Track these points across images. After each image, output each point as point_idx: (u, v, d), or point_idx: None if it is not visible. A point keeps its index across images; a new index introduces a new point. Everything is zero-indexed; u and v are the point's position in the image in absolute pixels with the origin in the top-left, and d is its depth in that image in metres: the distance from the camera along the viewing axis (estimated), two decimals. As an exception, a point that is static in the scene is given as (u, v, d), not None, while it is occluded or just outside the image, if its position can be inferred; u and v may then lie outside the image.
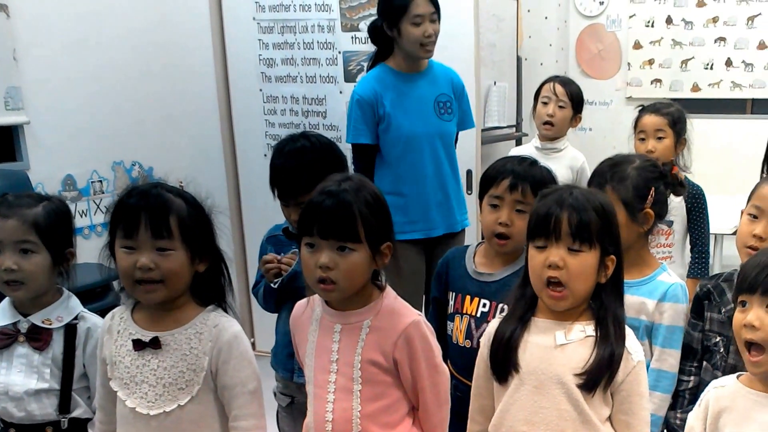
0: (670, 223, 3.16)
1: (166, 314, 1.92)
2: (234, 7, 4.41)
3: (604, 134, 5.75)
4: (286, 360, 2.55)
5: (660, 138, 3.20)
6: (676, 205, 3.09)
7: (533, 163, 2.34)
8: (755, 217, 2.21)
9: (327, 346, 1.94)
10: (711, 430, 1.81)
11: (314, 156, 2.43)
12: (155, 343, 1.89)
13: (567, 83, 3.69)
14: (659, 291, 2.30)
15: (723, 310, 2.24)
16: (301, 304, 2.06)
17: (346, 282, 1.84)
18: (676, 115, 3.24)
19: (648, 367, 2.22)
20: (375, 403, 1.91)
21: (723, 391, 1.82)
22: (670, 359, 2.29)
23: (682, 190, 2.59)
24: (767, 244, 2.15)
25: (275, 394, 2.66)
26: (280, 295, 2.49)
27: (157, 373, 1.89)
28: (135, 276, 1.82)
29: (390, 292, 1.98)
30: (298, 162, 2.41)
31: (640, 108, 3.38)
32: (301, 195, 2.25)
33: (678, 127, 3.22)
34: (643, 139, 3.24)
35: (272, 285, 2.46)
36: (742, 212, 2.28)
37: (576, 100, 3.65)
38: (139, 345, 1.90)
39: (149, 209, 1.82)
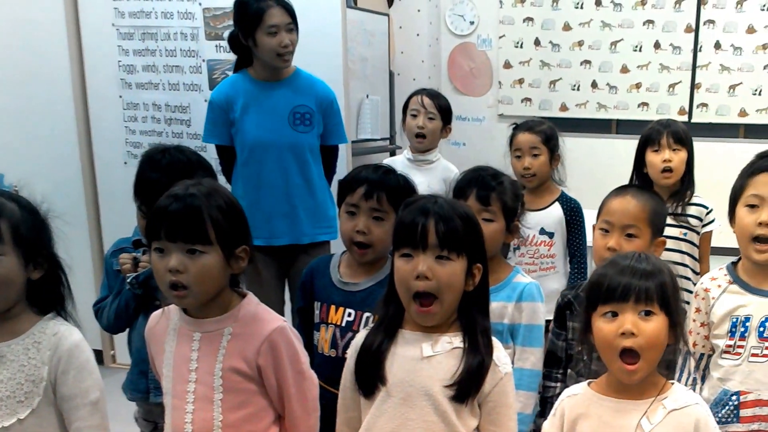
0: (551, 235, 3.27)
1: (1, 325, 1.83)
2: (91, 13, 4.28)
3: (478, 149, 5.82)
4: (137, 379, 2.48)
5: (535, 155, 3.29)
6: (556, 217, 3.26)
7: (389, 170, 2.35)
8: (606, 231, 2.28)
9: (185, 356, 1.89)
10: None
11: (191, 171, 2.38)
12: (-10, 355, 1.80)
13: (435, 96, 3.76)
14: (516, 292, 2.34)
15: None
16: (155, 314, 2.01)
17: (199, 286, 1.80)
18: (548, 133, 3.35)
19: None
20: (238, 412, 1.87)
21: (576, 399, 1.83)
22: (531, 357, 2.33)
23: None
24: None
25: (137, 420, 2.57)
26: (136, 303, 2.43)
27: None
28: None
29: (252, 299, 1.95)
30: (176, 178, 2.32)
31: (514, 126, 3.47)
32: None
33: (551, 144, 3.33)
34: (519, 157, 3.33)
35: (128, 282, 2.38)
36: (593, 227, 2.35)
37: (444, 111, 3.72)
38: None
39: None
